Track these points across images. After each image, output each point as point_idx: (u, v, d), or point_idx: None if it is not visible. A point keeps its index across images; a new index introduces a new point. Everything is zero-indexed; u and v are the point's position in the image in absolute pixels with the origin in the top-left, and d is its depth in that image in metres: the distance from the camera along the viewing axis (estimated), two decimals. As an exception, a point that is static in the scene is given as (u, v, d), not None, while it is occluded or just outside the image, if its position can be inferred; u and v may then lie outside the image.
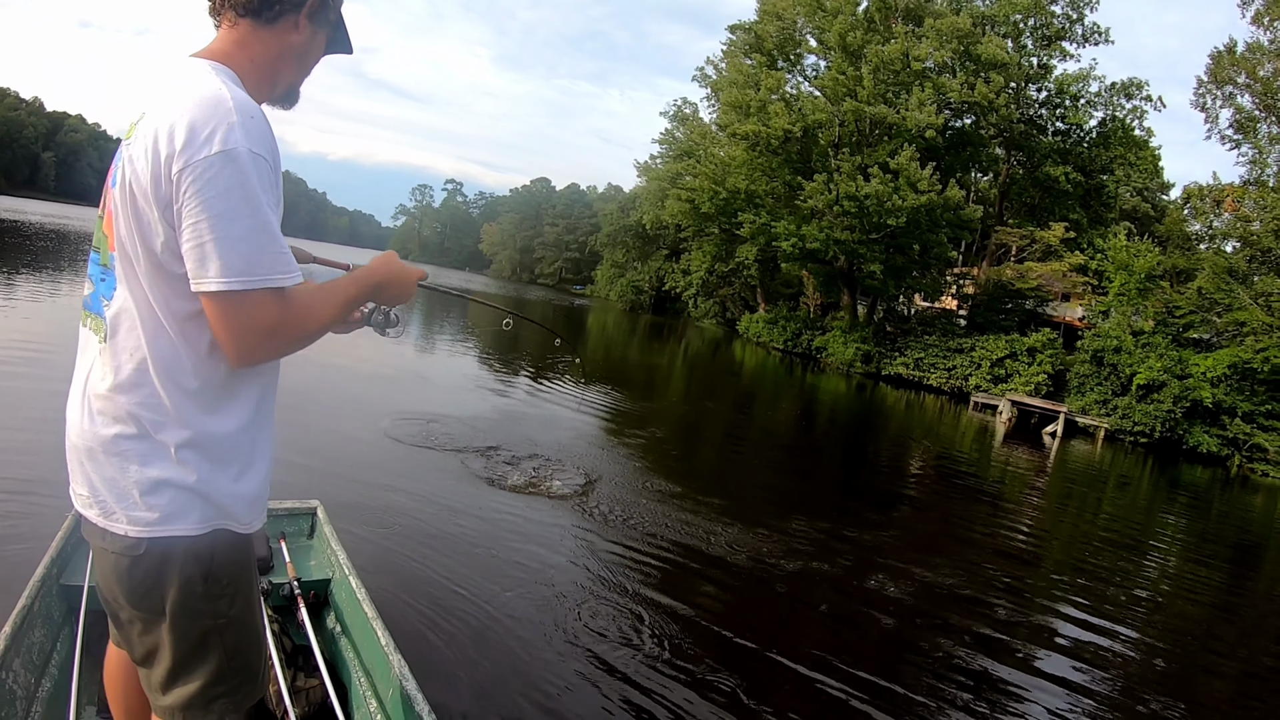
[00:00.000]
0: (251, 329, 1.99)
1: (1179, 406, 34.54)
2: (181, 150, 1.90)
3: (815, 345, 53.82)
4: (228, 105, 1.96)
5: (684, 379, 32.50)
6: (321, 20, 2.31)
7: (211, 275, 1.92)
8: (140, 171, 1.97)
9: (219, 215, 1.91)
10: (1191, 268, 40.20)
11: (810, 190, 46.37)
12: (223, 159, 1.91)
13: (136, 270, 2.06)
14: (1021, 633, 8.86)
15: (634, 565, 8.51)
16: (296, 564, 4.89)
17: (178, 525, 2.12)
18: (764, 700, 6.16)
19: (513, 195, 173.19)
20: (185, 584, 2.17)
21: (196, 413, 2.12)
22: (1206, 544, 17.34)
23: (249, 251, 1.94)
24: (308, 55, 2.34)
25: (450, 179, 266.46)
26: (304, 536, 5.47)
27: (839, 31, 47.03)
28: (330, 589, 4.93)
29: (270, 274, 1.98)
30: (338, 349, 19.59)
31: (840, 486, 16.27)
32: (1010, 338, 43.60)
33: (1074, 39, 49.93)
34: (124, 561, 2.15)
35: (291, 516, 5.53)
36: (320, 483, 8.81)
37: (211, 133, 1.91)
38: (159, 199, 1.95)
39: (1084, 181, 50.60)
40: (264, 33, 2.21)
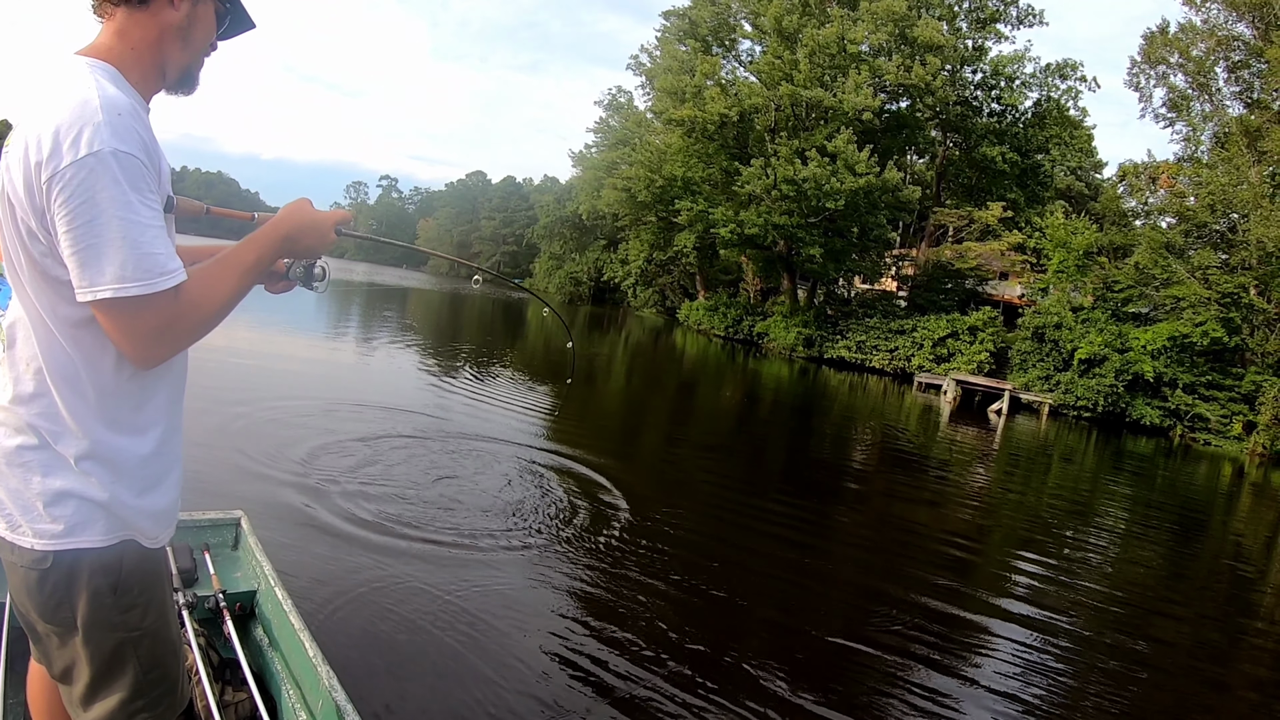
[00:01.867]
0: (143, 331, 1.94)
1: (1120, 380, 35.23)
2: (49, 157, 1.85)
3: (757, 331, 53.85)
4: (93, 106, 1.89)
5: (625, 369, 32.35)
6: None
7: (90, 284, 1.87)
8: (15, 180, 1.93)
9: (90, 222, 1.85)
10: (1129, 243, 41.04)
11: (748, 175, 46.27)
12: (90, 162, 1.85)
13: (22, 279, 2.03)
14: (971, 606, 8.95)
15: (572, 563, 8.30)
16: (221, 575, 4.76)
17: (83, 537, 2.09)
18: (706, 695, 6.04)
19: (448, 190, 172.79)
20: (94, 596, 2.14)
21: (97, 423, 2.08)
22: (1151, 512, 17.62)
23: (125, 257, 1.88)
24: (192, 32, 2.21)
25: (385, 175, 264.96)
26: (228, 547, 5.28)
27: (774, 15, 46.96)
28: (256, 600, 4.79)
29: (148, 277, 1.89)
30: (254, 340, 19.61)
31: (786, 471, 16.06)
32: (951, 317, 43.97)
33: (1008, 21, 50.68)
34: (33, 575, 2.11)
35: (215, 527, 5.30)
36: (243, 490, 8.70)
37: (77, 136, 1.85)
38: (34, 208, 1.91)
39: (1020, 161, 51.21)
40: (139, 15, 2.10)
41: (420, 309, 49.03)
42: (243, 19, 2.37)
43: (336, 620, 6.15)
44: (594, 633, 6.74)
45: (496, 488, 10.70)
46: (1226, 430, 33.65)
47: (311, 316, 30.62)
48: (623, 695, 5.86)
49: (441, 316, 46.71)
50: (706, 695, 5.97)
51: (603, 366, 30.63)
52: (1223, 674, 8.56)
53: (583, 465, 12.50)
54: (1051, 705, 6.82)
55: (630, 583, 8.05)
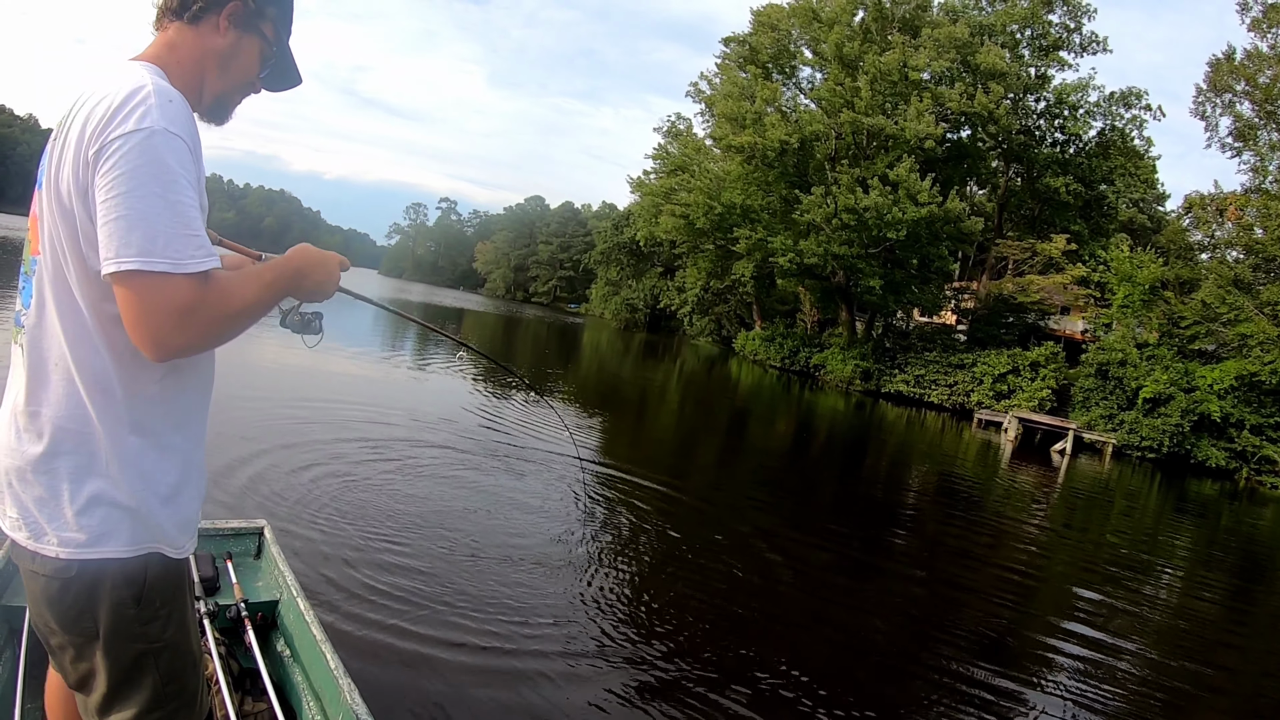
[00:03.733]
0: (163, 313, 1.86)
1: (1186, 420, 34.04)
2: (98, 131, 1.85)
3: (813, 362, 53.09)
4: (146, 89, 1.92)
5: (679, 397, 31.98)
6: (246, 26, 2.24)
7: (116, 255, 1.83)
8: (65, 164, 1.93)
9: (128, 192, 1.83)
10: (1194, 278, 39.92)
11: (808, 204, 45.61)
12: (138, 137, 1.85)
13: (65, 272, 1.99)
14: (1027, 651, 8.77)
15: (614, 587, 8.28)
16: (243, 585, 4.73)
17: (109, 546, 2.06)
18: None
19: (506, 213, 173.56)
20: (117, 607, 2.11)
21: (126, 427, 2.05)
22: (1214, 558, 17.15)
23: (158, 231, 1.85)
24: (231, 63, 2.26)
25: (444, 197, 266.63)
26: (250, 556, 5.29)
27: (835, 42, 46.42)
28: (278, 610, 4.78)
29: (181, 255, 1.87)
30: (283, 358, 19.73)
31: (841, 507, 15.72)
32: (1012, 352, 43.00)
33: (1071, 48, 49.79)
34: (54, 585, 2.08)
35: (238, 536, 5.33)
36: (266, 501, 8.68)
37: (129, 113, 1.86)
38: (79, 188, 1.89)
39: (1084, 192, 50.07)
40: (189, 32, 2.17)
41: (474, 329, 48.96)
42: (290, 72, 2.44)
43: (359, 632, 6.16)
44: (633, 652, 6.74)
45: (530, 503, 10.86)
46: None
47: (355, 333, 30.76)
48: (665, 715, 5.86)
49: (495, 337, 46.57)
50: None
51: (655, 395, 30.53)
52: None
53: (628, 485, 12.63)
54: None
55: (676, 604, 8.08)
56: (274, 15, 2.31)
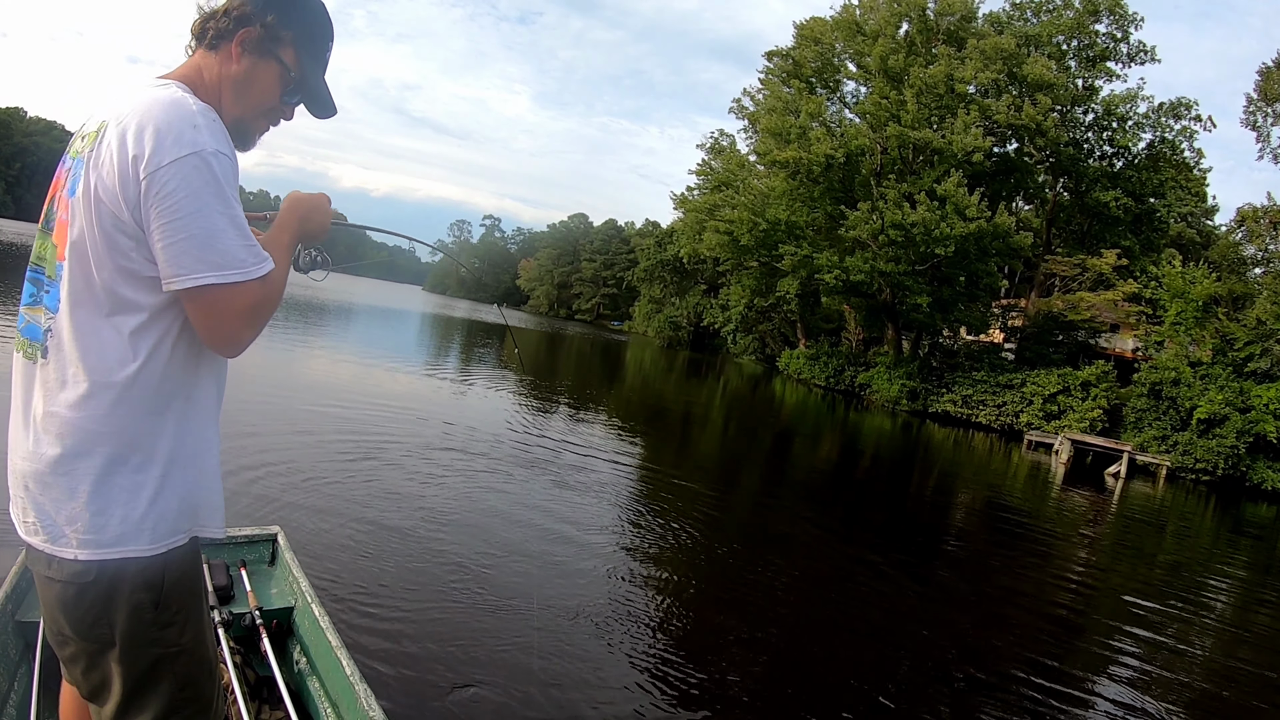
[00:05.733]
0: (238, 316, 2.04)
1: (1242, 441, 33.35)
2: (152, 154, 1.92)
3: (858, 382, 52.50)
4: (190, 108, 2.00)
5: (722, 416, 31.60)
6: (262, 52, 2.26)
7: (190, 271, 1.96)
8: (106, 176, 1.96)
9: (194, 213, 1.94)
10: (1248, 293, 39.09)
11: (854, 219, 45.04)
12: (193, 160, 1.94)
13: (97, 278, 2.02)
14: (1077, 678, 8.53)
15: (647, 603, 8.19)
16: (258, 593, 4.78)
17: (129, 546, 2.08)
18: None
19: (550, 231, 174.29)
20: (135, 611, 2.12)
21: (146, 423, 2.09)
22: (1271, 584, 16.77)
23: (229, 246, 1.99)
24: (248, 90, 2.27)
25: (489, 214, 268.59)
26: (264, 564, 5.32)
27: (879, 55, 46.08)
28: (293, 618, 4.79)
29: (249, 264, 2.03)
30: (293, 365, 20.37)
31: (888, 530, 15.29)
32: (1062, 371, 42.16)
33: (1119, 59, 49.10)
34: (70, 590, 2.09)
35: (251, 544, 5.37)
36: (279, 508, 8.70)
37: (179, 135, 1.94)
38: (128, 199, 1.94)
39: (1134, 206, 49.35)
40: (210, 58, 2.23)
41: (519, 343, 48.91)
42: (322, 102, 2.45)
43: (375, 639, 6.11)
44: (667, 664, 6.70)
45: (557, 510, 10.99)
46: None
47: (375, 341, 31.11)
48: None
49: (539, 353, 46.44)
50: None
51: (699, 414, 30.22)
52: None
53: (669, 503, 12.63)
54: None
55: (715, 626, 7.99)
56: (294, 41, 2.31)
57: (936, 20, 47.79)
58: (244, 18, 2.21)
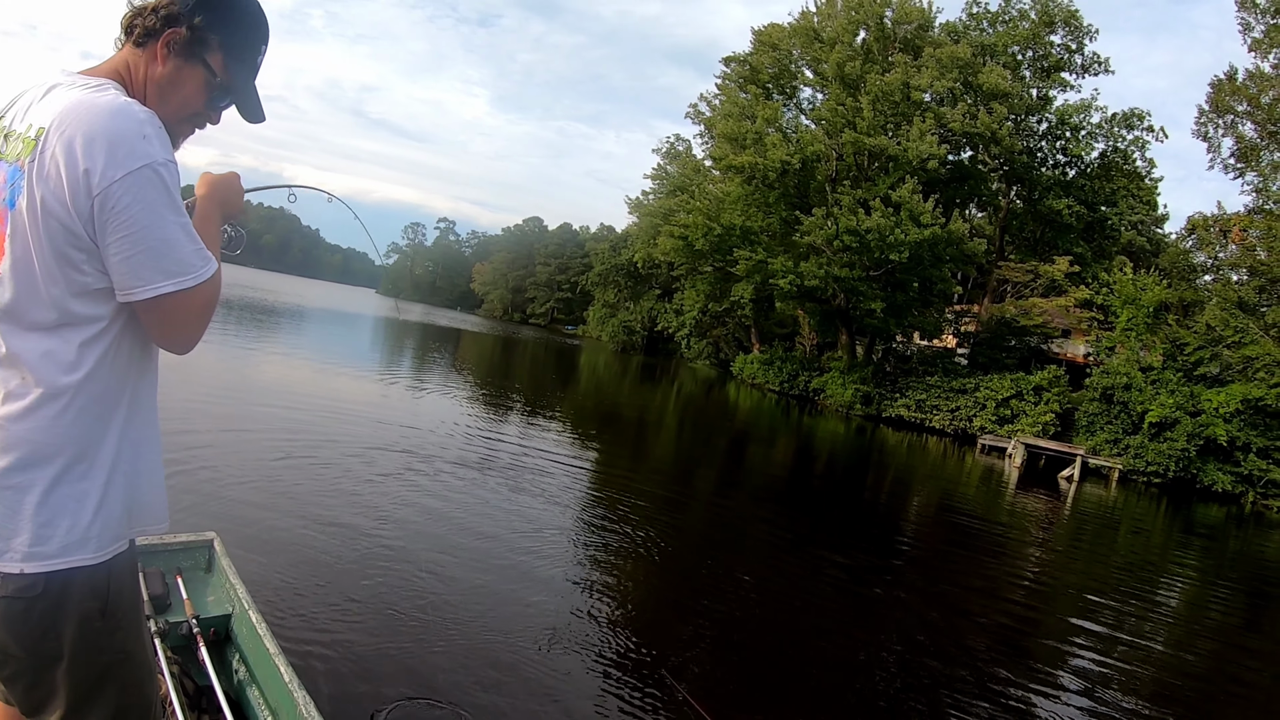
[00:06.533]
0: (193, 316, 2.07)
1: (1192, 444, 34.02)
2: (104, 168, 1.89)
3: (812, 386, 52.68)
4: (138, 117, 1.96)
5: (676, 421, 31.61)
6: (188, 55, 2.21)
7: (150, 281, 1.97)
8: (55, 190, 1.92)
9: (149, 226, 1.94)
10: (1198, 300, 39.90)
11: (809, 225, 45.19)
12: (145, 173, 1.92)
13: (45, 293, 1.99)
14: (1032, 677, 8.59)
15: (599, 608, 8.08)
16: (194, 600, 4.66)
17: (76, 556, 2.05)
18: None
19: (505, 234, 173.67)
20: (84, 620, 2.09)
21: (92, 430, 2.06)
22: (1222, 584, 17.11)
23: (183, 254, 2.00)
24: (172, 93, 2.23)
25: (443, 217, 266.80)
26: (201, 570, 5.20)
27: (836, 62, 46.18)
28: (231, 625, 4.70)
29: (200, 266, 2.04)
30: (234, 368, 20.27)
31: (843, 533, 15.32)
32: (1015, 376, 42.69)
33: (1073, 69, 49.89)
34: (17, 605, 2.03)
35: (187, 550, 5.24)
36: (216, 512, 8.56)
37: (131, 148, 1.91)
38: (80, 214, 1.92)
39: (1086, 214, 50.22)
40: (137, 56, 2.19)
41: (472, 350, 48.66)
42: (249, 107, 2.38)
43: (315, 646, 6.03)
44: (624, 670, 6.66)
45: (502, 510, 10.97)
46: None
47: (313, 345, 30.95)
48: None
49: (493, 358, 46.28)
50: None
51: (654, 419, 30.18)
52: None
53: (620, 507, 12.25)
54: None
55: (670, 624, 8.15)
56: (222, 45, 2.25)
57: (894, 28, 48.06)
58: (172, 17, 2.17)
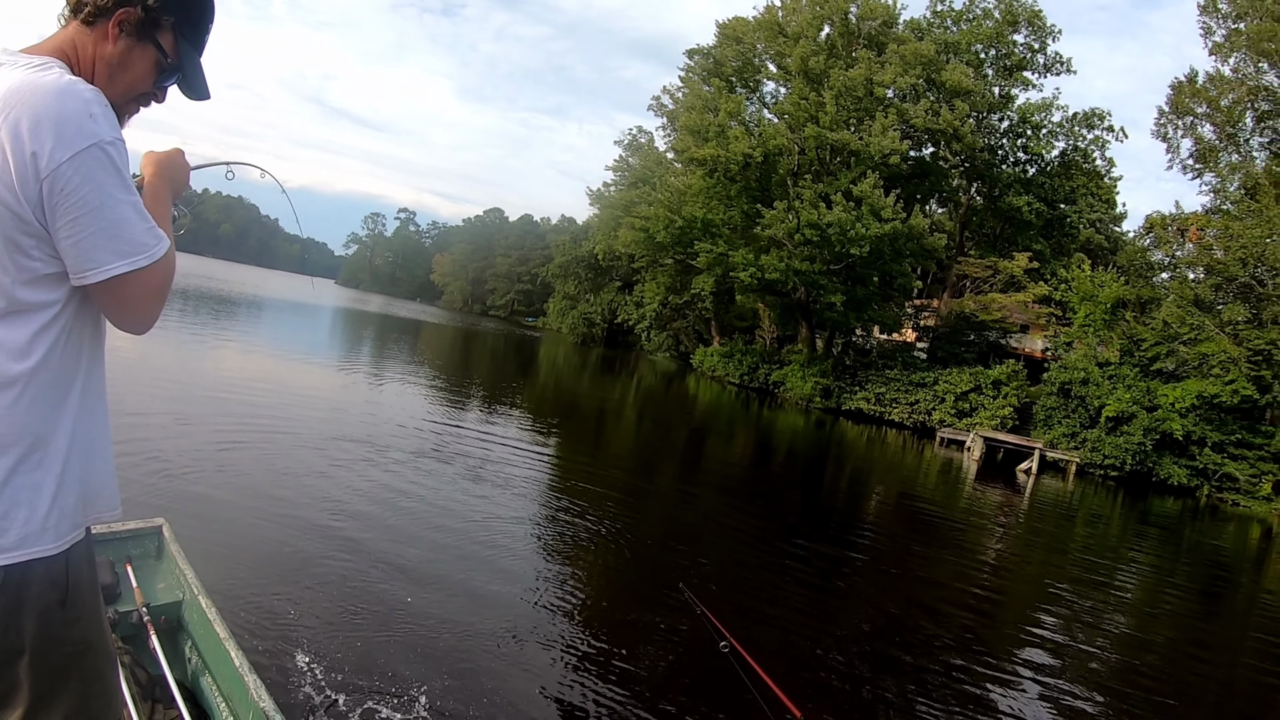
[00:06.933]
0: (151, 294, 2.04)
1: (1149, 438, 34.51)
2: (52, 150, 1.87)
3: (772, 379, 52.71)
4: (84, 96, 1.94)
5: (636, 413, 31.60)
6: (140, 35, 2.17)
7: (104, 264, 1.95)
8: (2, 174, 1.88)
9: (100, 207, 1.92)
10: (1154, 297, 40.31)
11: (770, 218, 45.18)
12: (93, 153, 1.89)
13: None
14: (989, 666, 8.64)
15: (556, 596, 8.10)
16: (144, 588, 4.63)
17: (35, 547, 2.02)
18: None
19: (465, 225, 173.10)
20: (45, 613, 2.07)
21: (46, 417, 2.04)
22: (1178, 576, 17.37)
23: (135, 234, 1.98)
24: (120, 72, 2.17)
25: (403, 208, 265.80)
26: (151, 558, 5.14)
27: (800, 56, 46.25)
28: (182, 612, 4.67)
29: (151, 248, 2.02)
30: (189, 356, 20.13)
31: (803, 525, 15.23)
32: (974, 370, 42.93)
33: (1036, 68, 50.32)
34: None
35: (136, 537, 5.17)
36: (165, 498, 8.50)
37: (78, 127, 1.89)
38: (29, 198, 1.89)
39: (1046, 211, 50.66)
40: (85, 34, 2.13)
41: (432, 343, 48.47)
42: (195, 86, 2.34)
43: (267, 630, 6.02)
44: (580, 658, 6.67)
45: (464, 504, 10.81)
46: (1256, 490, 33.23)
47: (260, 331, 31.10)
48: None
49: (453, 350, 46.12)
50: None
51: (613, 411, 30.17)
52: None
53: (577, 500, 12.22)
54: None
55: (629, 617, 8.11)
56: (174, 26, 2.22)
57: (858, 24, 48.16)
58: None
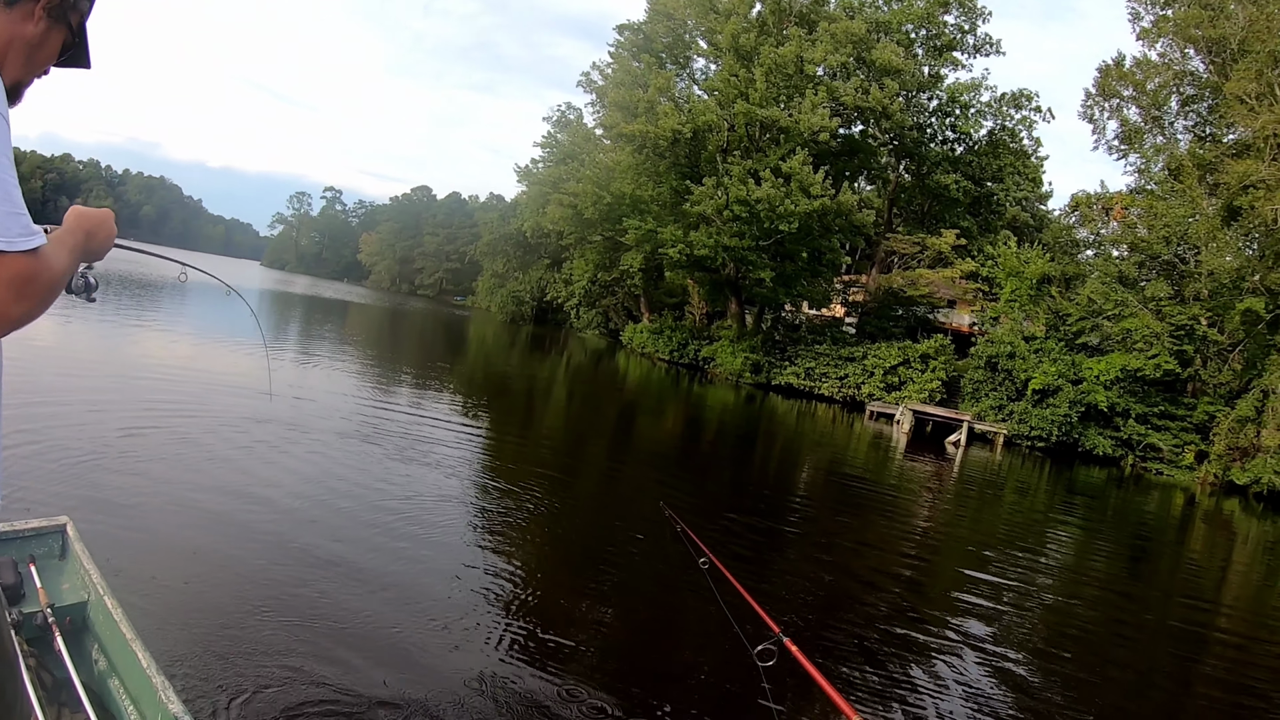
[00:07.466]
0: (2, 286, 1.80)
1: (1074, 410, 35.33)
2: None
3: (702, 355, 52.86)
4: None
5: (566, 390, 31.62)
6: (59, 18, 2.08)
7: None
8: None
9: None
10: (1080, 273, 41.23)
11: (699, 195, 45.26)
12: None
13: None
14: (920, 640, 8.60)
15: (485, 581, 7.96)
16: (48, 589, 4.48)
17: None
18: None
19: (392, 204, 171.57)
20: None
21: None
22: (1104, 542, 17.74)
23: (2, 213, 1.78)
24: (37, 53, 2.08)
25: (329, 186, 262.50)
26: (55, 558, 4.96)
27: (731, 33, 46.15)
28: (87, 613, 4.50)
29: (12, 235, 1.78)
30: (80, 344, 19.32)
31: (736, 499, 15.30)
32: (902, 345, 43.60)
33: (965, 49, 50.61)
34: None
35: (39, 537, 4.98)
36: (68, 495, 8.11)
37: None
38: None
39: (973, 189, 51.25)
40: (1, 15, 1.99)
41: (359, 324, 47.92)
42: (83, 56, 2.26)
43: (175, 627, 5.88)
44: (512, 647, 6.56)
45: (388, 487, 10.66)
46: (1179, 460, 34.37)
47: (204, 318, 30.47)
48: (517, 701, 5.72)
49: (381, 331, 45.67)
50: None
51: (543, 389, 30.06)
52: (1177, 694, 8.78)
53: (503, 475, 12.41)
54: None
55: (562, 596, 8.08)
56: (84, 8, 2.16)
57: (789, 2, 48.13)
58: None
